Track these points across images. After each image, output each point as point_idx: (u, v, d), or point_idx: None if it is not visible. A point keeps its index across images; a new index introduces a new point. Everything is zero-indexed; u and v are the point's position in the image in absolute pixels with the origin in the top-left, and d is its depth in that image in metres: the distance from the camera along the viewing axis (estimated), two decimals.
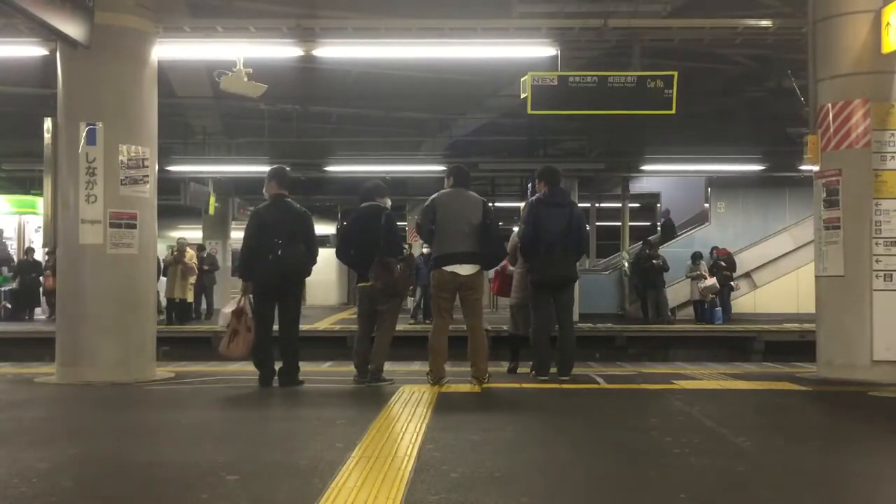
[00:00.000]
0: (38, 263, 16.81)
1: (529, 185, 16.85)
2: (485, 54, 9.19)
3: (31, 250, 17.24)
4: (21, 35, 8.36)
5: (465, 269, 6.47)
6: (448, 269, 6.48)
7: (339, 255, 7.13)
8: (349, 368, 7.05)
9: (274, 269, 6.49)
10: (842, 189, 7.26)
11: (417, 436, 4.57)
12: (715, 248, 16.74)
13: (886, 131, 7.13)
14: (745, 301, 17.40)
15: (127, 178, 7.08)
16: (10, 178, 18.45)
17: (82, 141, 6.98)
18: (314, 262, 6.78)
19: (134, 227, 7.08)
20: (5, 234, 18.96)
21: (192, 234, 19.56)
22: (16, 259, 17.74)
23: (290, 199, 6.81)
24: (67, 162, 7.07)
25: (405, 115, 16.66)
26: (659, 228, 19.71)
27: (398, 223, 8.38)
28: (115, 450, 4.43)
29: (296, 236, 6.61)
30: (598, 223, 21.64)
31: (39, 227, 15.84)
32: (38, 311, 17.02)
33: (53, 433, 4.94)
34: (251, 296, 6.61)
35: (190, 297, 15.67)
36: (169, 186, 15.27)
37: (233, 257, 20.85)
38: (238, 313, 6.52)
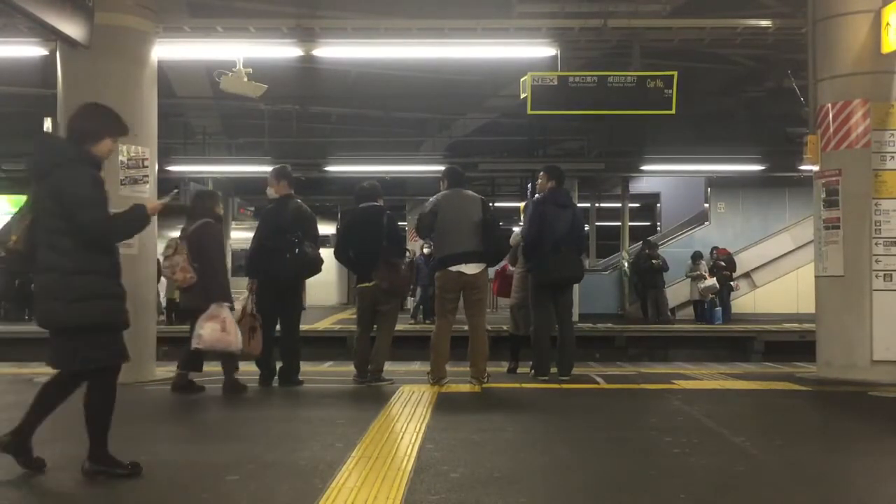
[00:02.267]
0: None
1: (529, 185, 16.84)
2: (485, 54, 9.19)
3: None
4: (21, 35, 8.36)
5: (470, 269, 6.47)
6: (453, 269, 6.48)
7: (337, 255, 7.12)
8: (349, 368, 7.05)
9: (290, 266, 6.50)
10: (842, 189, 7.26)
11: (417, 436, 4.57)
12: (715, 248, 16.74)
13: (886, 131, 7.13)
14: (745, 301, 17.41)
15: (127, 178, 7.07)
16: (10, 178, 18.44)
17: None
18: (321, 261, 6.83)
19: None
20: None
21: None
22: None
23: (299, 199, 6.83)
24: None
25: (405, 115, 16.65)
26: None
27: (398, 223, 8.38)
28: (115, 450, 4.41)
29: (306, 235, 6.64)
30: (598, 223, 21.64)
31: None
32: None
33: (54, 433, 4.93)
34: (253, 295, 6.62)
35: None
36: (169, 186, 15.22)
37: (233, 257, 20.84)
38: (249, 311, 6.53)
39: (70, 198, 3.53)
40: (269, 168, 7.27)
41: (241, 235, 20.46)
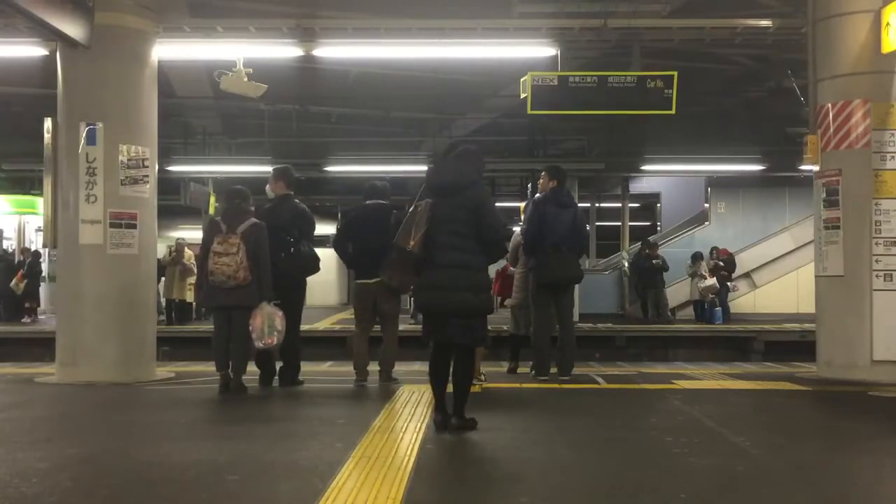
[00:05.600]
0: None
1: (530, 186, 16.82)
2: (485, 54, 9.19)
3: (27, 250, 17.23)
4: (21, 35, 8.37)
5: None
6: None
7: (336, 246, 7.09)
8: (349, 368, 7.03)
9: (285, 265, 6.49)
10: (842, 189, 7.25)
11: (417, 436, 4.57)
12: (715, 248, 16.73)
13: (886, 131, 7.13)
14: (745, 301, 17.39)
15: (127, 178, 7.07)
16: (10, 178, 18.44)
17: (82, 141, 6.98)
18: (318, 259, 6.81)
19: (134, 227, 7.08)
20: (5, 235, 18.95)
21: (192, 234, 19.55)
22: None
23: (296, 200, 6.81)
24: (67, 162, 7.06)
25: (405, 115, 16.65)
26: None
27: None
28: (115, 450, 4.43)
29: (303, 235, 6.63)
30: (598, 223, 21.63)
31: (39, 227, 15.82)
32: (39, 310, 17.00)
33: (53, 433, 4.94)
34: None
35: (189, 298, 15.62)
36: (169, 186, 15.25)
37: None
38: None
39: (484, 208, 4.68)
40: (269, 168, 7.27)
41: None
